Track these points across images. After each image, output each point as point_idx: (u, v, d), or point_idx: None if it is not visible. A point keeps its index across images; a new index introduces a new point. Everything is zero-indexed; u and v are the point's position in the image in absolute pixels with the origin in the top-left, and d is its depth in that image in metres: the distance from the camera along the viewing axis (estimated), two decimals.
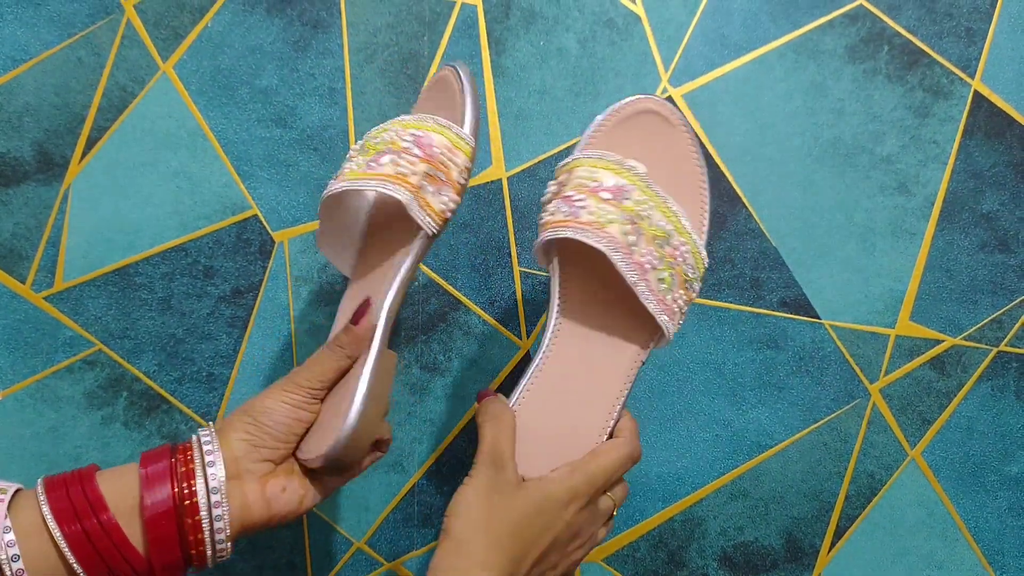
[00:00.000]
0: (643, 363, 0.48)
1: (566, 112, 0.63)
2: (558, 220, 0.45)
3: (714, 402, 0.62)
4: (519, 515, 0.43)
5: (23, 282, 0.61)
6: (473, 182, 0.62)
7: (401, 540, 0.62)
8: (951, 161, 0.62)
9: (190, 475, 0.42)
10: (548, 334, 0.49)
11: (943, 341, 0.62)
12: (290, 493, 0.45)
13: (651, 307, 0.45)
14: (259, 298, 0.62)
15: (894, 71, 0.62)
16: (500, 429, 0.46)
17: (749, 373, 0.62)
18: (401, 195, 0.47)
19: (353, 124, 0.62)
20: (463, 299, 0.63)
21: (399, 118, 0.50)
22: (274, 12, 0.62)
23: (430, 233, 0.49)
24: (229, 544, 0.43)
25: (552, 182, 0.48)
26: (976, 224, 0.63)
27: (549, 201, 0.48)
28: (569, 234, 0.44)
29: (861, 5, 0.62)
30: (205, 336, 0.62)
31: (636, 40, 0.63)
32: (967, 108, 0.62)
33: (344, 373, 0.47)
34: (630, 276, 0.44)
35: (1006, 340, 0.62)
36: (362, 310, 0.47)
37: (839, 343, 0.62)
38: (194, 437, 0.44)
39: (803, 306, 0.62)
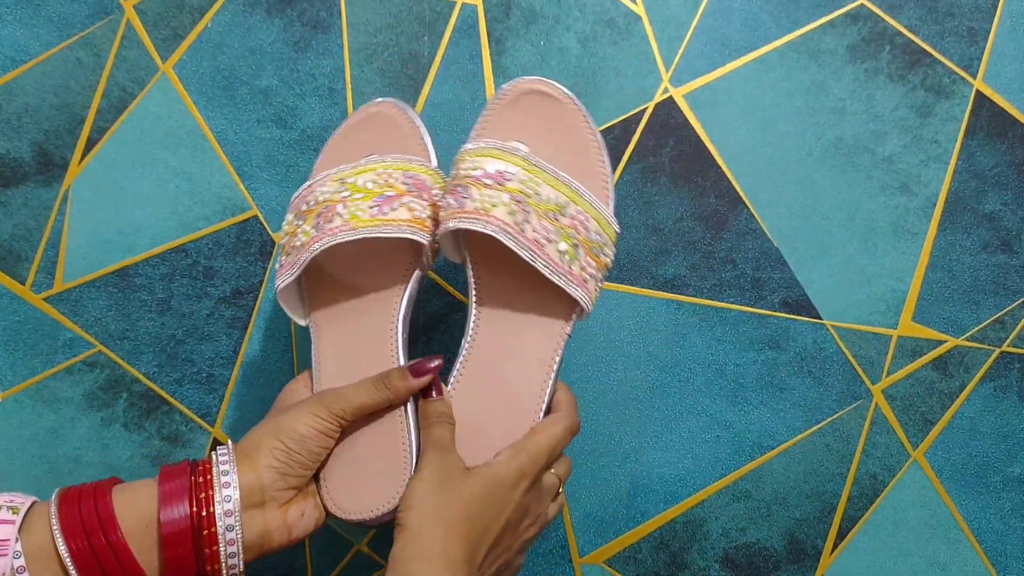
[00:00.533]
0: (568, 335, 0.49)
1: None
2: (446, 215, 0.47)
3: (715, 403, 0.62)
4: (471, 502, 0.42)
5: (23, 283, 0.61)
6: None
7: None
8: (953, 161, 0.62)
9: (208, 497, 0.41)
10: (469, 324, 0.49)
11: (945, 342, 0.62)
12: (307, 517, 0.45)
13: (556, 280, 0.45)
14: (259, 299, 0.62)
15: (896, 71, 0.62)
16: (441, 423, 0.46)
17: (751, 374, 0.62)
18: (425, 239, 0.48)
19: None
20: (464, 300, 0.62)
21: (373, 158, 0.50)
22: (274, 12, 0.62)
23: (428, 272, 0.51)
24: (242, 567, 0.42)
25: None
26: (978, 224, 0.62)
27: (441, 199, 0.49)
28: (454, 225, 0.45)
29: (862, 5, 0.62)
30: (205, 337, 0.62)
31: (637, 40, 0.62)
32: (969, 108, 0.62)
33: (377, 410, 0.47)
34: (525, 254, 0.45)
35: (1009, 340, 0.62)
36: (430, 369, 0.47)
37: (841, 344, 0.62)
38: (212, 455, 0.43)
39: (805, 306, 0.62)
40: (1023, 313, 0.62)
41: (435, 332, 0.62)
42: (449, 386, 0.49)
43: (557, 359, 0.48)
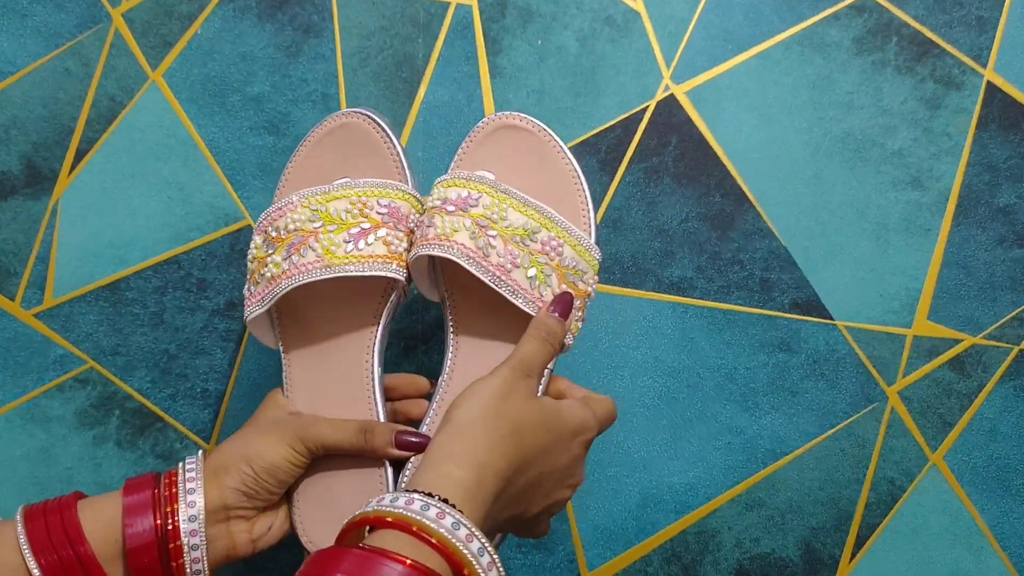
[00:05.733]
0: (550, 369, 0.47)
1: (566, 112, 0.61)
2: (413, 248, 0.46)
3: (726, 408, 0.60)
4: (528, 420, 0.40)
5: (12, 299, 0.60)
6: None
7: None
8: (965, 154, 0.60)
9: (174, 511, 0.41)
10: (447, 358, 0.48)
11: (962, 340, 0.60)
12: (275, 530, 0.45)
13: (525, 307, 0.45)
14: None
15: (903, 62, 0.61)
16: (544, 348, 0.44)
17: (761, 378, 0.60)
18: (401, 276, 0.47)
19: None
20: None
21: (346, 182, 0.48)
22: (265, 17, 0.61)
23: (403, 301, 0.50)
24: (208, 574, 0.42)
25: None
26: (993, 218, 0.60)
27: (416, 225, 0.48)
28: (414, 254, 0.45)
29: None
30: (199, 351, 0.60)
31: (636, 37, 0.61)
32: (980, 99, 0.60)
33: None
34: (488, 279, 0.44)
35: None
36: (414, 445, 0.45)
37: (854, 345, 0.60)
38: (180, 468, 0.43)
39: (815, 307, 0.60)
40: None
41: (434, 341, 0.61)
42: (427, 418, 0.48)
43: (539, 392, 0.47)
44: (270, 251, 0.47)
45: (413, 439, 0.45)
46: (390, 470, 0.46)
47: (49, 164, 0.60)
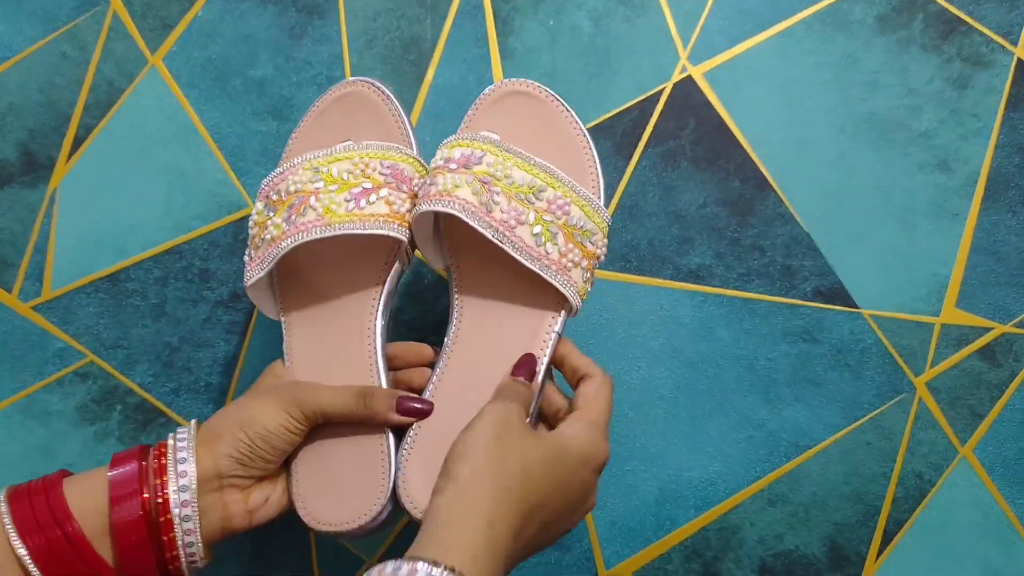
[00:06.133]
0: (557, 332, 0.46)
1: (580, 94, 0.59)
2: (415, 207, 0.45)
3: (746, 400, 0.58)
4: (533, 461, 0.38)
5: (9, 291, 0.58)
6: None
7: None
8: (994, 135, 0.58)
9: (163, 483, 0.39)
10: (451, 320, 0.47)
11: (992, 328, 0.58)
12: (272, 504, 0.44)
13: (529, 264, 0.43)
14: None
15: (929, 40, 0.58)
16: (519, 402, 0.42)
17: (784, 368, 0.58)
18: (404, 235, 0.45)
19: None
20: None
21: (348, 144, 0.47)
22: None
23: (405, 268, 0.49)
24: (202, 551, 0.40)
25: None
26: (1023, 202, 0.58)
27: (420, 188, 0.47)
28: (416, 210, 0.44)
29: None
30: (202, 343, 0.58)
31: (652, 16, 0.59)
32: (1010, 78, 0.58)
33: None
34: (491, 234, 0.43)
35: None
36: (416, 411, 0.44)
37: (880, 334, 0.58)
38: (170, 438, 0.41)
39: (840, 295, 0.58)
40: None
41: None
42: (431, 385, 0.46)
43: (545, 357, 0.45)
44: (271, 214, 0.46)
45: (416, 404, 0.44)
46: (391, 439, 0.44)
47: (46, 151, 0.59)
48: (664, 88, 0.59)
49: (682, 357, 0.58)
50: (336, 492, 0.44)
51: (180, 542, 0.39)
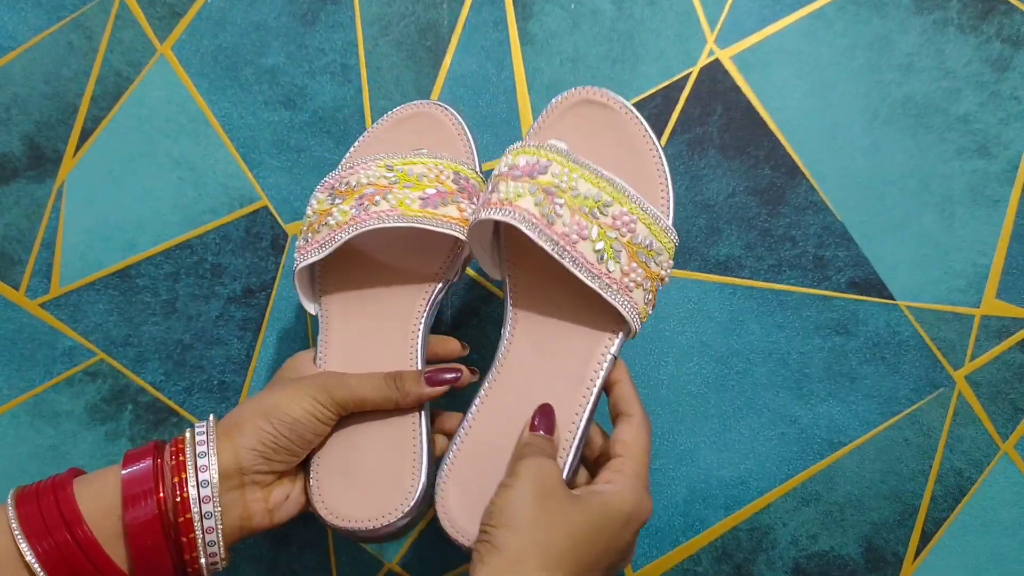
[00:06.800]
0: (613, 354, 0.44)
1: (602, 81, 0.57)
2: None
3: (779, 396, 0.56)
4: (581, 531, 0.36)
5: (17, 288, 0.57)
6: None
7: (435, 559, 0.57)
8: None
9: (183, 481, 0.37)
10: (504, 330, 0.46)
11: None
12: (292, 502, 0.42)
13: (589, 282, 0.41)
14: (272, 297, 0.57)
15: (967, 21, 0.56)
16: (545, 456, 0.40)
17: (817, 363, 0.56)
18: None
19: (369, 103, 0.57)
20: (497, 292, 0.57)
21: (423, 152, 0.48)
22: None
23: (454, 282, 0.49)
24: (224, 553, 0.39)
25: None
26: None
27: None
28: (475, 219, 0.43)
29: None
30: (215, 341, 0.57)
31: None
32: None
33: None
34: (551, 248, 0.41)
35: None
36: (446, 380, 0.44)
37: (917, 326, 0.56)
38: (188, 433, 0.40)
39: (875, 286, 0.56)
40: None
41: (466, 327, 0.57)
42: (477, 399, 0.45)
43: (599, 379, 0.43)
44: (337, 201, 0.45)
45: (446, 375, 0.43)
46: (425, 436, 0.43)
47: (53, 144, 0.57)
48: (690, 73, 0.57)
49: (711, 352, 0.56)
50: (359, 488, 0.42)
51: (201, 541, 0.37)
